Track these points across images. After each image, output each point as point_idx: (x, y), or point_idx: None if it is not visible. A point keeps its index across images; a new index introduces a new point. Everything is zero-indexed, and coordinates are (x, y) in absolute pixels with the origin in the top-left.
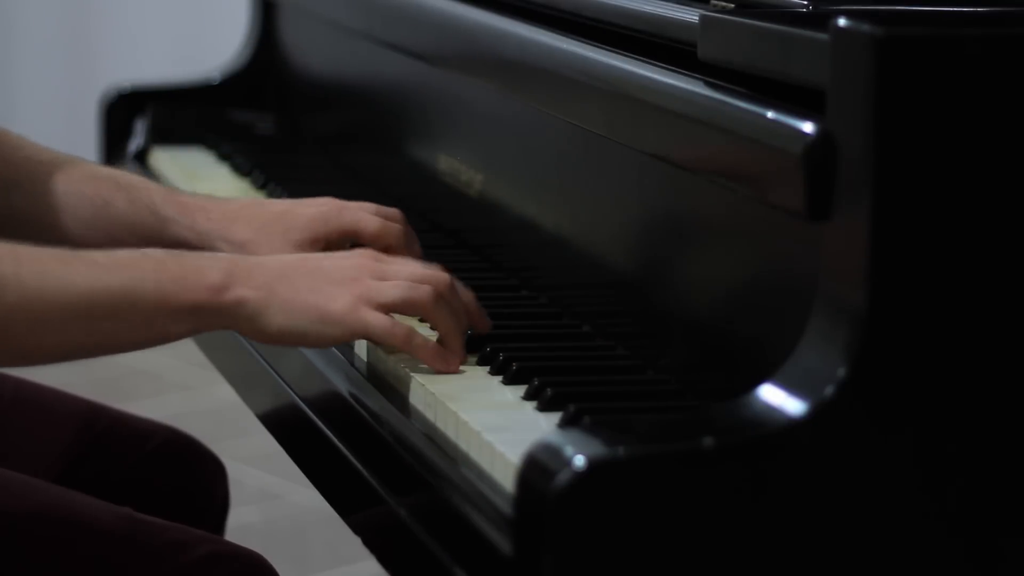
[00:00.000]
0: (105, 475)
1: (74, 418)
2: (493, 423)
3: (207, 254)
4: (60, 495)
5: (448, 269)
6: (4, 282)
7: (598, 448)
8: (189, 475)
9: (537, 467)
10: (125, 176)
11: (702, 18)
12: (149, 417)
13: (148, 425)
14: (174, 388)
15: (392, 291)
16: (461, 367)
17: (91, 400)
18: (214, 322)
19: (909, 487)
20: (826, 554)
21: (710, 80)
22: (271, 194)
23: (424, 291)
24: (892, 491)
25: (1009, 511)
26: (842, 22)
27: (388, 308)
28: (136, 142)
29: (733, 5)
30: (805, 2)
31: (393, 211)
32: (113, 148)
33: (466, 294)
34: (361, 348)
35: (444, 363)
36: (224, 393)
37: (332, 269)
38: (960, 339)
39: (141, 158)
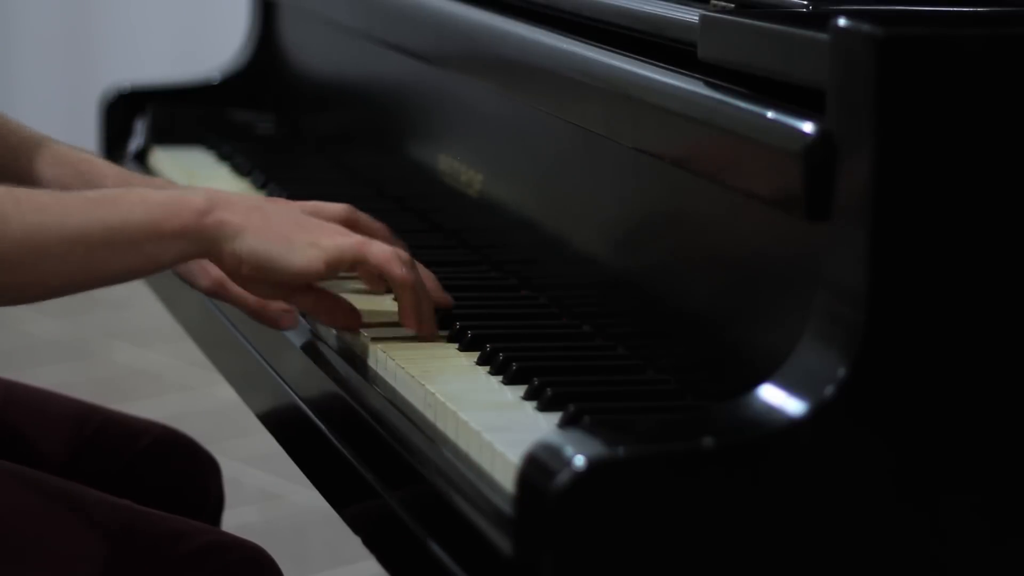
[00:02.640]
0: (98, 474)
1: (66, 419)
2: (493, 423)
3: (186, 186)
4: (60, 486)
5: (412, 254)
6: (7, 219)
7: (598, 448)
8: (183, 472)
9: (537, 467)
10: (87, 162)
11: (702, 18)
12: (148, 417)
13: (141, 424)
14: (174, 388)
15: (348, 239)
16: (463, 368)
17: (82, 400)
18: (200, 246)
19: (909, 488)
20: (826, 554)
21: (710, 80)
22: (271, 194)
23: (377, 248)
24: (891, 491)
25: (1009, 511)
26: (842, 22)
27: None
28: (136, 142)
29: (733, 5)
30: (805, 2)
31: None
32: (113, 148)
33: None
34: (362, 347)
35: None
36: (224, 393)
37: (303, 218)
38: (960, 339)
39: (141, 158)
